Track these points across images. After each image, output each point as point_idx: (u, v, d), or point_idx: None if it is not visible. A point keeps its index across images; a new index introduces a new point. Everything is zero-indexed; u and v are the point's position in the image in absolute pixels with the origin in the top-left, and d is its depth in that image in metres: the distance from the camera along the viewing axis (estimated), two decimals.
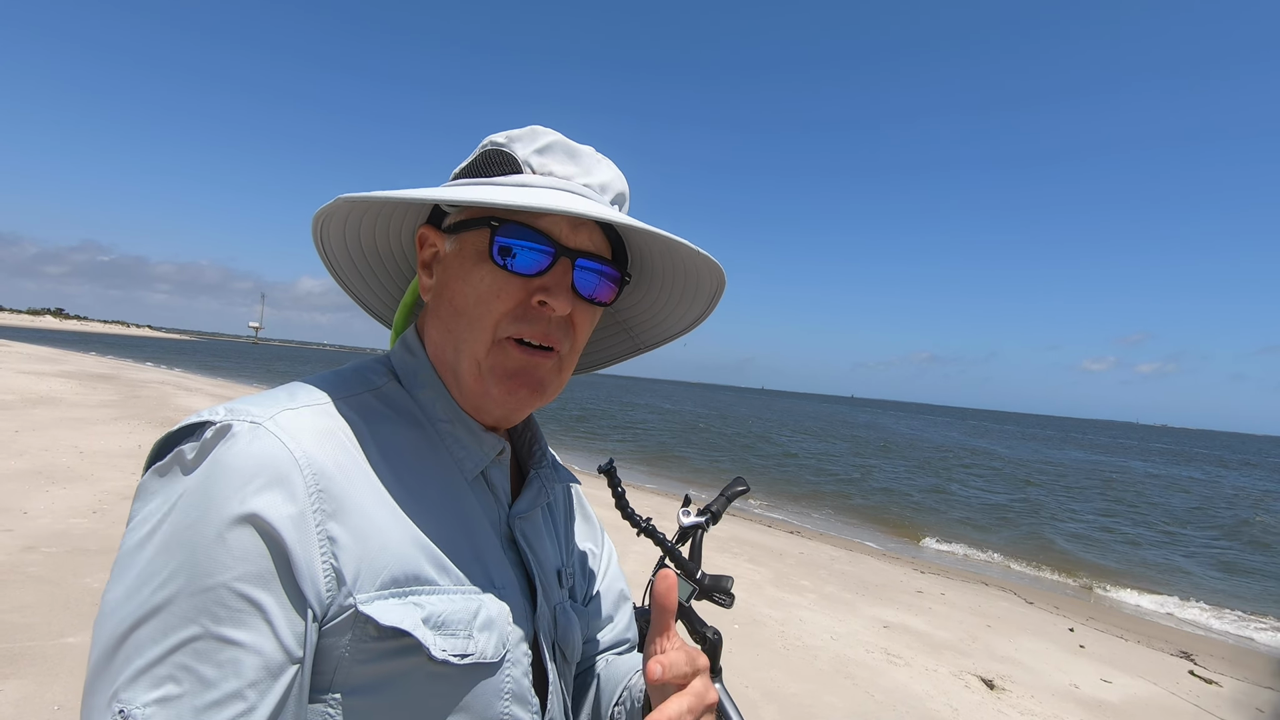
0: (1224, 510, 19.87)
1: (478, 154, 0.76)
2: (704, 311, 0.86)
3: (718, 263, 0.76)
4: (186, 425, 0.61)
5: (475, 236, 0.71)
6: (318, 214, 0.75)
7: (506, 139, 0.74)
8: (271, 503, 0.56)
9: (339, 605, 0.59)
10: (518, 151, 0.73)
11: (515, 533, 0.77)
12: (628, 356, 0.97)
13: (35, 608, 3.75)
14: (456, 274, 0.72)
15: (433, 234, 0.75)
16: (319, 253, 0.82)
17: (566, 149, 0.74)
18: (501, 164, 0.73)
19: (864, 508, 14.48)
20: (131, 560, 0.56)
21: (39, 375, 17.89)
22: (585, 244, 0.72)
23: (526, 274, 0.70)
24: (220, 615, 0.53)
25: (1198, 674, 6.03)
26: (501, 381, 0.71)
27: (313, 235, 0.79)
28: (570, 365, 0.77)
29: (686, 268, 0.80)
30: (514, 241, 0.69)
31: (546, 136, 0.74)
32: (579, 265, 0.72)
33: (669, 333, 0.92)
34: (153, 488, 0.59)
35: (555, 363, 0.74)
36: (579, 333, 0.75)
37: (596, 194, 0.74)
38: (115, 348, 56.44)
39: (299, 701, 0.57)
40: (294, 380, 0.69)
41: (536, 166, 0.73)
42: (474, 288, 0.70)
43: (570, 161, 0.74)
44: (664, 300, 0.87)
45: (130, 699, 0.52)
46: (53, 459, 7.53)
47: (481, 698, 0.67)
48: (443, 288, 0.74)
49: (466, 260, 0.71)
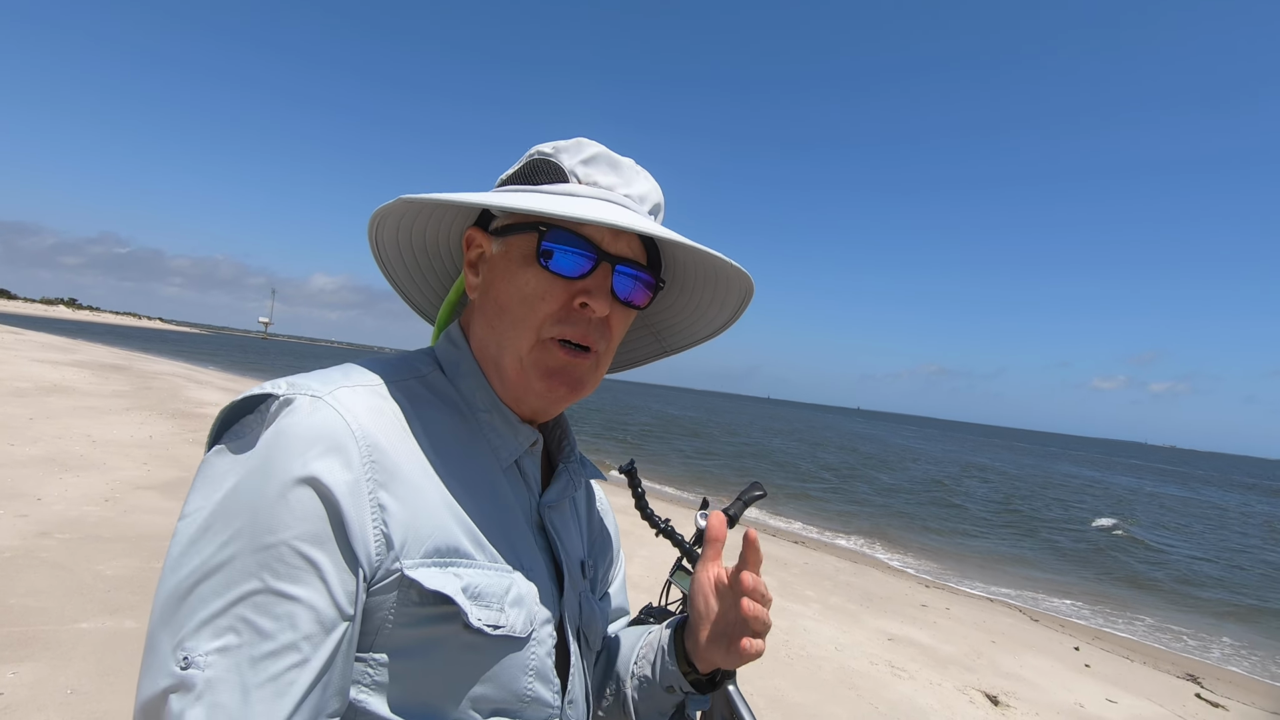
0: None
1: (525, 162, 0.80)
2: (731, 317, 0.90)
3: (746, 272, 0.80)
4: (251, 396, 0.64)
5: (523, 240, 0.75)
6: (377, 212, 0.79)
7: (553, 149, 0.79)
8: (329, 468, 0.60)
9: (386, 569, 0.62)
10: (564, 161, 0.77)
11: (545, 521, 0.80)
12: (656, 358, 1.01)
13: (49, 593, 3.80)
14: (503, 274, 0.76)
15: (480, 236, 0.79)
16: (372, 249, 0.86)
17: (610, 160, 0.79)
18: (548, 173, 0.78)
19: (869, 520, 14.45)
20: (197, 519, 0.59)
21: (53, 364, 18.08)
22: (624, 250, 0.77)
23: (570, 276, 0.74)
24: (280, 571, 0.57)
25: (1204, 697, 5.98)
26: (543, 377, 0.75)
27: (368, 232, 0.83)
28: (605, 364, 0.81)
29: (716, 276, 0.84)
30: (559, 246, 0.73)
31: (591, 148, 0.78)
32: (618, 270, 0.76)
33: (696, 337, 0.96)
34: (220, 452, 0.62)
35: (592, 362, 0.78)
36: (614, 333, 0.79)
37: (636, 204, 0.79)
38: (125, 339, 56.93)
39: (348, 657, 0.61)
40: (340, 364, 0.73)
41: (582, 176, 0.77)
42: (520, 288, 0.75)
43: (613, 172, 0.78)
44: (693, 305, 0.92)
45: (194, 647, 0.55)
46: (66, 446, 7.61)
47: (508, 671, 0.70)
48: (489, 287, 0.78)
49: (513, 262, 0.75)
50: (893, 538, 12.70)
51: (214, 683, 0.54)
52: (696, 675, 0.86)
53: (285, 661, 0.56)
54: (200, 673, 0.54)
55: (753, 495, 1.75)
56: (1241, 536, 19.43)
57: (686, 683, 0.86)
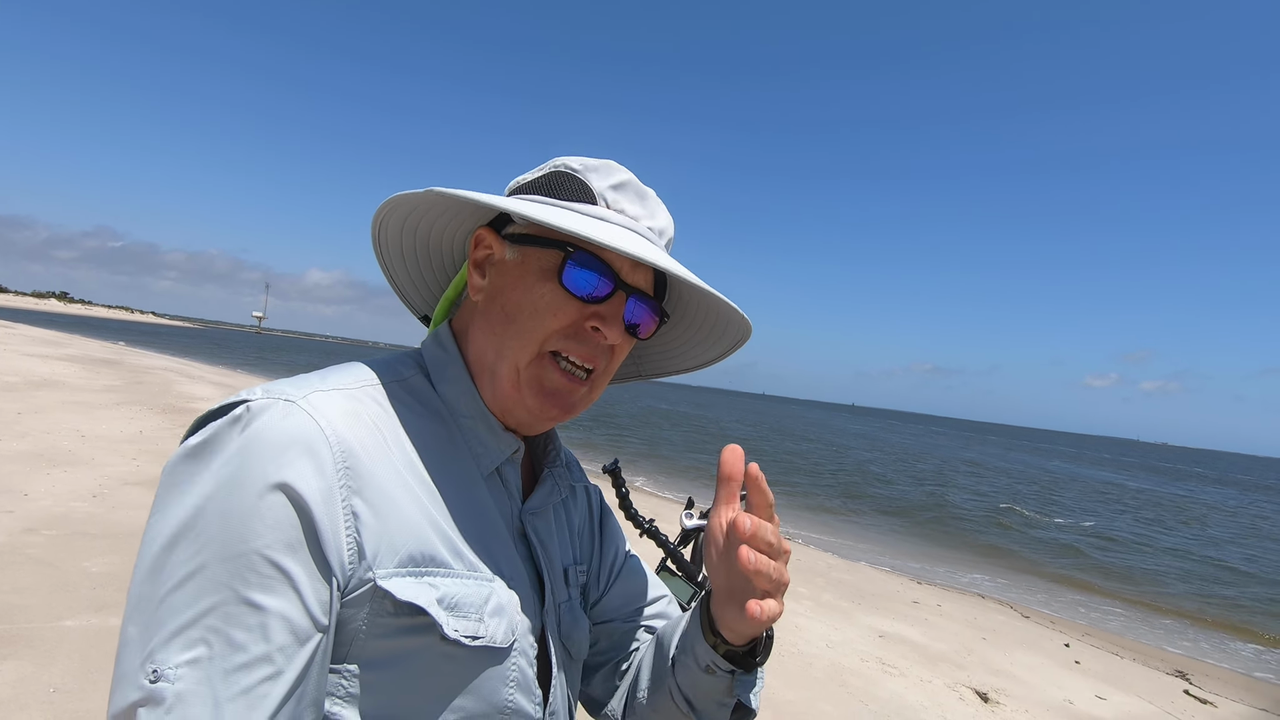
0: None
1: (548, 172, 0.79)
2: (719, 356, 0.91)
3: (748, 318, 0.81)
4: (224, 404, 0.63)
5: (545, 255, 0.74)
6: (395, 199, 0.75)
7: (582, 166, 0.77)
8: (302, 474, 0.58)
9: (359, 578, 0.61)
10: (594, 183, 0.76)
11: (527, 528, 0.79)
12: (625, 381, 0.99)
13: (34, 590, 3.77)
14: (516, 283, 0.75)
15: (491, 237, 0.78)
16: (374, 240, 0.83)
17: (638, 190, 0.78)
18: (575, 191, 0.76)
19: (863, 516, 14.49)
20: (167, 525, 0.57)
21: (43, 358, 17.96)
22: (640, 282, 0.77)
23: (586, 298, 0.73)
24: (251, 581, 0.55)
25: (1193, 694, 6.02)
26: (537, 395, 0.75)
27: (373, 219, 0.80)
28: (600, 388, 0.80)
29: (718, 316, 0.84)
30: (583, 270, 0.72)
31: (621, 174, 0.78)
32: (632, 300, 0.76)
33: (677, 367, 0.96)
34: (188, 458, 0.60)
35: (588, 389, 0.78)
36: (615, 358, 0.79)
37: (656, 237, 0.79)
38: (118, 333, 56.61)
39: (322, 668, 0.60)
40: (322, 368, 0.72)
41: (611, 202, 0.76)
42: (534, 301, 0.73)
43: (639, 203, 0.78)
44: (685, 340, 0.92)
45: (164, 659, 0.53)
46: (55, 442, 7.55)
47: (488, 683, 0.69)
48: (497, 292, 0.76)
49: (529, 273, 0.74)
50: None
51: (184, 696, 0.53)
52: (729, 647, 0.74)
53: (258, 674, 0.54)
54: (170, 685, 0.53)
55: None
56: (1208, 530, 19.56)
57: (720, 658, 0.75)
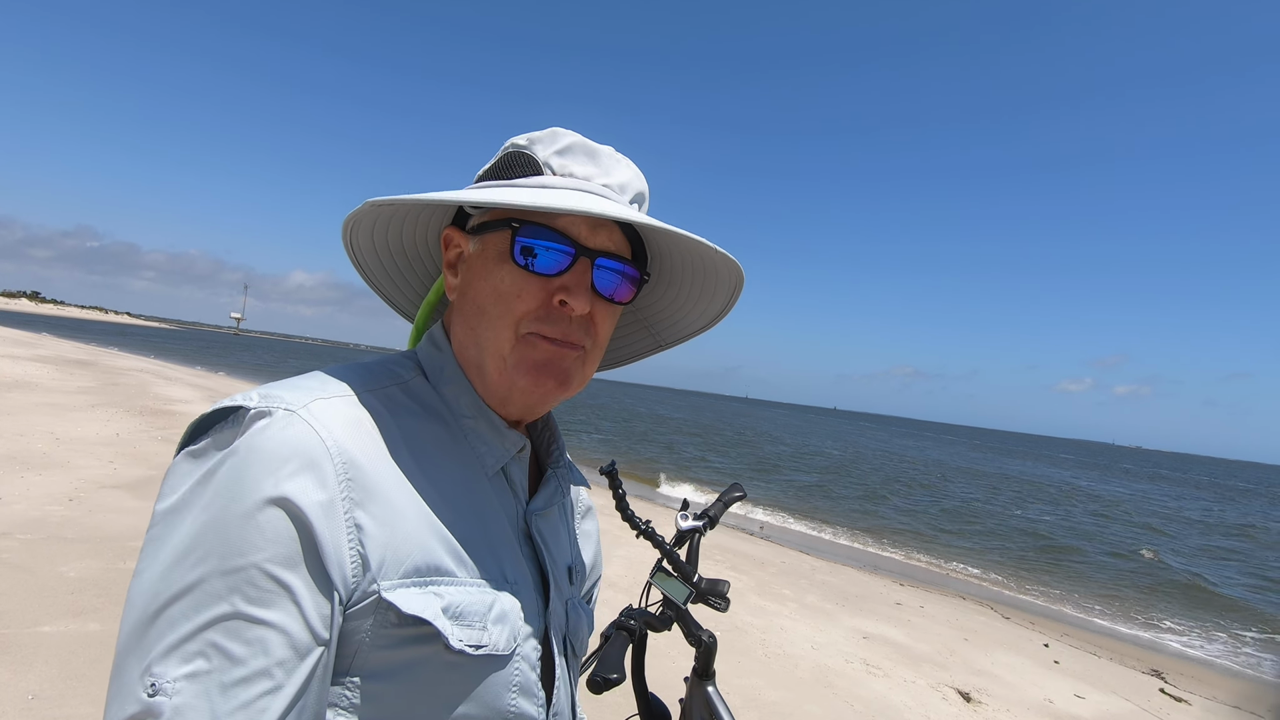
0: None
1: (500, 156, 0.77)
2: (724, 308, 0.88)
3: (736, 260, 0.77)
4: (221, 408, 0.61)
5: (497, 237, 0.72)
6: (347, 219, 0.76)
7: (528, 141, 0.76)
8: (303, 487, 0.57)
9: (363, 591, 0.60)
10: (538, 153, 0.74)
11: (532, 529, 0.78)
12: (650, 353, 0.98)
13: (10, 595, 3.68)
14: (480, 273, 0.74)
15: (457, 235, 0.77)
16: (349, 255, 0.83)
17: (586, 149, 0.75)
18: (523, 166, 0.74)
19: (844, 520, 14.59)
20: (165, 539, 0.56)
21: (14, 359, 17.53)
22: (605, 244, 0.73)
23: (547, 274, 0.71)
24: (250, 595, 0.54)
25: (1168, 692, 6.14)
26: (528, 373, 0.72)
27: (343, 239, 0.80)
28: (594, 360, 0.78)
29: (705, 266, 0.81)
30: (534, 242, 0.70)
31: (566, 138, 0.75)
32: (598, 265, 0.72)
33: (689, 329, 0.93)
34: (186, 468, 0.59)
35: (580, 356, 0.75)
36: (599, 330, 0.76)
37: (616, 194, 0.75)
38: (92, 334, 55.43)
39: (323, 682, 0.58)
40: (316, 370, 0.70)
41: (557, 168, 0.74)
42: (495, 287, 0.72)
43: (590, 162, 0.75)
44: (684, 298, 0.89)
45: (162, 673, 0.52)
46: (28, 444, 7.38)
47: (491, 689, 0.68)
48: (467, 287, 0.75)
49: (489, 260, 0.73)
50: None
51: (182, 710, 0.51)
52: None
53: (257, 688, 0.53)
54: (168, 700, 0.52)
55: (732, 496, 1.76)
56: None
57: None
